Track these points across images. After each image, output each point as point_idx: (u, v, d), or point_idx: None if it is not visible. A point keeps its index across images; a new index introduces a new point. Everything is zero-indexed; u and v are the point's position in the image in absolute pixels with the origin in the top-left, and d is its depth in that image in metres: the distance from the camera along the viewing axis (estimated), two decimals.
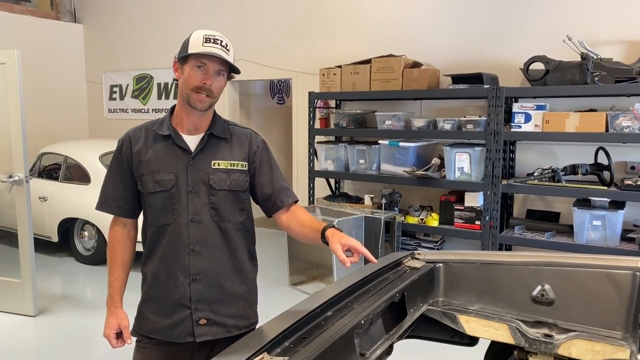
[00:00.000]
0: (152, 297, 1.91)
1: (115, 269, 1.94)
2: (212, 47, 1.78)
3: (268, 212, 1.98)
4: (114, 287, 1.94)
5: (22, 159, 4.26)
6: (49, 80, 7.97)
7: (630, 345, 1.58)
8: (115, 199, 1.93)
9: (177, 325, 1.86)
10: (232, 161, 1.90)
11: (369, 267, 1.84)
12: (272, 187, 1.95)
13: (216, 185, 1.87)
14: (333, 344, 1.32)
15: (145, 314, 1.92)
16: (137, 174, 1.88)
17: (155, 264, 1.89)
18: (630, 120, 4.00)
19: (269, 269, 5.36)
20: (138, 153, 1.88)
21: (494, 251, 4.37)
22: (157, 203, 1.86)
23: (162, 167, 1.86)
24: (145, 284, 1.93)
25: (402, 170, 4.95)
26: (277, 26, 6.51)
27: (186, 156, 1.87)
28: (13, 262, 4.47)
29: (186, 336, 1.86)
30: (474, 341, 1.89)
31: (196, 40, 1.80)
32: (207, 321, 1.87)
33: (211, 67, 1.79)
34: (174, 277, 1.86)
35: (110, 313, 1.93)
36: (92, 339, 4.05)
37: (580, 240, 4.19)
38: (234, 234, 1.91)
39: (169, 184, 1.85)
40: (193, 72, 1.79)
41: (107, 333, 1.93)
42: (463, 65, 5.10)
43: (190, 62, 1.79)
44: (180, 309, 1.86)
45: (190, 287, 1.85)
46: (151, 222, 1.89)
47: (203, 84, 1.78)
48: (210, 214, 1.86)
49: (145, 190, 1.87)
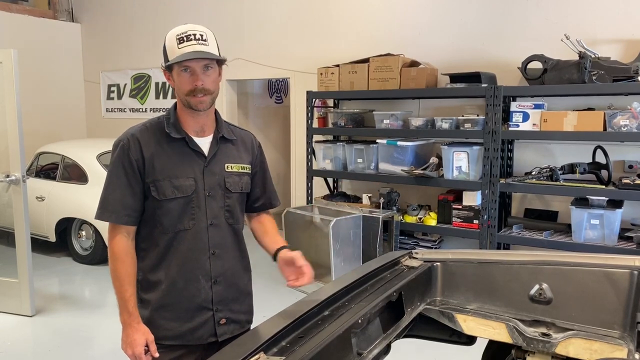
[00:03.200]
0: (169, 304, 1.85)
1: (128, 283, 1.80)
2: (188, 46, 1.71)
3: (253, 209, 2.07)
4: (132, 302, 1.79)
5: (19, 159, 4.25)
6: (46, 79, 7.96)
7: (628, 344, 1.58)
8: (124, 207, 1.79)
9: (199, 328, 1.86)
10: (242, 164, 1.93)
11: (366, 266, 1.83)
12: (265, 188, 2.06)
13: (232, 188, 1.89)
14: (330, 343, 1.31)
15: (158, 322, 1.85)
16: (149, 180, 1.80)
17: (172, 270, 1.83)
18: (628, 119, 4.00)
19: (266, 269, 5.32)
20: (151, 157, 1.79)
21: (491, 250, 4.37)
22: (175, 209, 1.81)
23: (180, 172, 1.81)
24: (157, 292, 1.85)
25: (400, 170, 4.95)
26: (275, 25, 6.50)
27: (201, 160, 1.85)
28: (10, 262, 4.46)
29: (208, 337, 1.87)
30: (471, 340, 1.89)
31: (171, 45, 1.74)
32: (226, 320, 1.90)
33: (196, 67, 1.73)
34: (194, 281, 1.84)
35: (134, 330, 1.79)
36: (90, 339, 4.05)
37: (578, 239, 4.20)
38: (240, 233, 1.96)
39: (189, 189, 1.81)
40: (181, 77, 1.75)
41: (138, 351, 1.77)
42: (461, 64, 5.10)
43: (175, 69, 1.75)
44: (202, 311, 1.86)
45: (212, 289, 1.86)
46: (167, 228, 1.82)
47: (195, 86, 1.74)
48: (226, 216, 1.89)
49: (162, 196, 1.79)
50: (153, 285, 1.86)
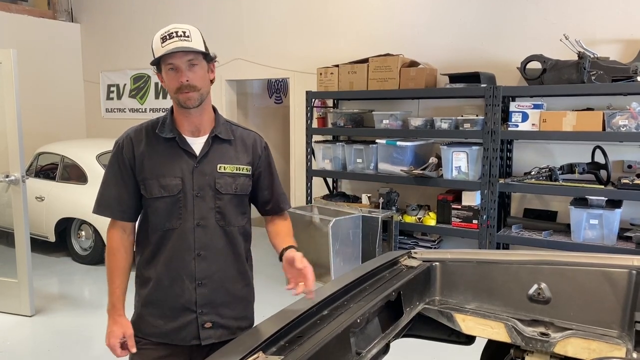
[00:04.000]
0: (155, 301, 1.87)
1: (116, 276, 1.87)
2: (170, 43, 1.73)
3: (264, 213, 2.06)
4: (117, 295, 1.86)
5: (18, 159, 4.25)
6: (46, 79, 7.95)
7: (626, 344, 1.58)
8: (118, 203, 1.85)
9: (182, 329, 1.86)
10: (237, 165, 1.89)
11: (365, 265, 1.84)
12: (272, 192, 2.01)
13: (222, 189, 1.86)
14: (329, 342, 1.32)
15: (146, 318, 1.88)
16: (139, 178, 1.84)
17: (159, 268, 1.85)
18: (627, 119, 4.00)
19: (266, 268, 5.34)
20: (141, 156, 1.83)
21: (490, 250, 4.37)
22: (162, 208, 1.83)
23: (168, 172, 1.82)
24: (147, 288, 1.88)
25: (399, 170, 4.95)
26: (275, 25, 6.50)
27: (191, 160, 1.84)
28: (10, 262, 4.46)
29: (191, 339, 1.86)
30: (470, 340, 1.89)
31: (156, 45, 1.77)
32: (212, 324, 1.87)
33: (180, 63, 1.74)
34: (178, 281, 1.85)
35: (114, 322, 1.85)
36: (89, 338, 4.05)
37: (578, 239, 4.20)
38: (237, 237, 1.92)
39: (175, 189, 1.82)
40: (167, 75, 1.77)
41: (112, 342, 1.83)
42: (460, 64, 5.10)
43: (164, 69, 1.78)
44: (186, 312, 1.85)
45: (196, 291, 1.85)
46: (155, 227, 1.85)
47: (180, 82, 1.75)
48: (216, 218, 1.86)
49: (149, 195, 1.83)
50: (145, 281, 1.90)
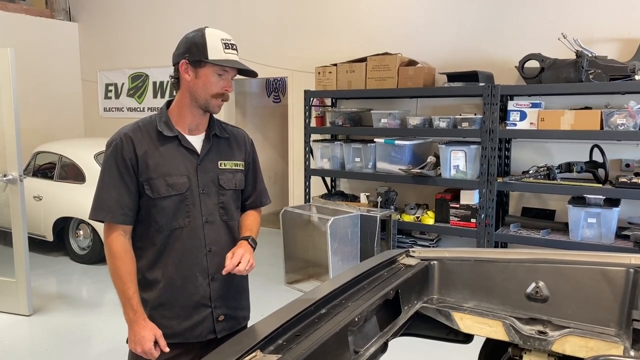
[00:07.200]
0: (166, 303, 1.86)
1: (130, 281, 1.80)
2: (233, 54, 1.81)
3: (244, 207, 2.08)
4: (136, 300, 1.80)
5: (16, 158, 4.24)
6: (43, 78, 7.93)
7: (624, 342, 1.58)
8: (120, 207, 1.80)
9: (198, 326, 1.87)
10: (235, 161, 1.96)
11: (363, 264, 1.83)
12: (256, 186, 2.08)
13: (225, 185, 1.91)
14: (326, 341, 1.31)
15: (157, 321, 1.84)
16: (142, 178, 1.81)
17: (169, 269, 1.84)
18: (625, 118, 4.00)
19: (265, 268, 5.35)
20: (144, 155, 1.81)
21: (488, 248, 4.38)
22: (170, 207, 1.83)
23: (173, 170, 1.83)
24: (155, 291, 1.85)
25: (397, 169, 4.95)
26: (273, 24, 6.50)
27: (193, 158, 1.87)
28: (7, 261, 4.45)
29: (207, 334, 1.88)
30: (468, 338, 1.89)
31: (215, 45, 1.77)
32: (224, 317, 1.92)
33: (232, 74, 1.83)
34: (192, 279, 1.86)
35: (141, 327, 1.79)
36: (87, 338, 4.05)
37: (576, 238, 4.20)
38: (236, 230, 1.98)
39: (183, 187, 1.83)
40: (214, 79, 1.80)
41: (148, 347, 1.77)
42: (458, 63, 5.10)
43: (210, 68, 1.78)
44: (201, 309, 1.88)
45: (210, 286, 1.88)
46: (162, 227, 1.83)
47: (224, 91, 1.83)
48: (220, 213, 1.91)
49: (156, 194, 1.81)
50: (150, 284, 1.87)
